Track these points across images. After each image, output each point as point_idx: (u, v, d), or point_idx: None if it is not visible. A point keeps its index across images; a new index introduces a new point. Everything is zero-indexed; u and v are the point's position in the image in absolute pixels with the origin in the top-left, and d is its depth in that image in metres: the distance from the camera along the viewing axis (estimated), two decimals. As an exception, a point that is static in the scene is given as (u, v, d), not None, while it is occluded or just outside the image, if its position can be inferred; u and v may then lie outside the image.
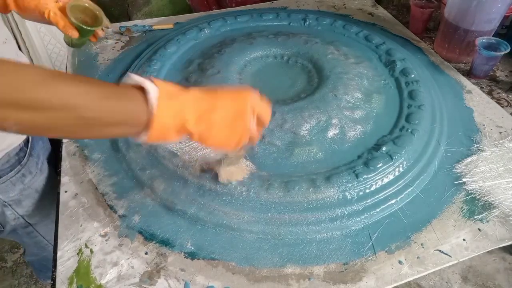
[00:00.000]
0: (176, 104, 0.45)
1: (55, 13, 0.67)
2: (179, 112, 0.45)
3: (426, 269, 0.56)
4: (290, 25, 1.06)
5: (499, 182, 0.66)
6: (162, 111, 0.43)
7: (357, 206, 0.62)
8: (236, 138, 0.50)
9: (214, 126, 0.47)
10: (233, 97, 0.49)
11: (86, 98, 0.40)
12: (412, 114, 0.75)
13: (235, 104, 0.49)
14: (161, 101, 0.43)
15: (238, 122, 0.49)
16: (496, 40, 0.89)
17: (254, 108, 0.50)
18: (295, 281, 0.55)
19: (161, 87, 0.45)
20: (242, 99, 0.49)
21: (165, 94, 0.44)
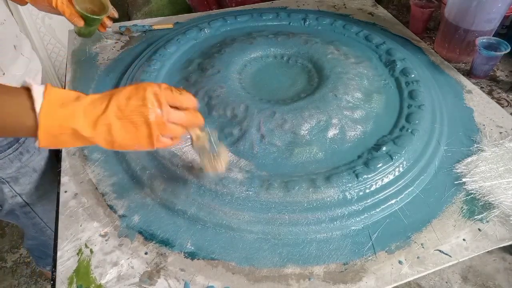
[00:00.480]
0: (65, 112, 0.43)
1: (62, 2, 0.71)
2: (69, 119, 0.44)
3: (426, 269, 0.56)
4: (290, 25, 1.06)
5: (499, 182, 0.66)
6: (47, 119, 0.42)
7: (357, 206, 0.62)
8: (143, 133, 0.46)
9: (114, 127, 0.45)
10: (127, 93, 0.47)
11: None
12: (412, 114, 0.75)
13: (129, 100, 0.46)
14: (45, 108, 0.42)
15: (136, 114, 0.46)
16: (496, 40, 0.89)
17: (159, 97, 0.47)
18: (295, 281, 0.55)
19: (49, 93, 0.43)
20: (136, 93, 0.46)
21: (51, 101, 0.43)
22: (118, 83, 0.88)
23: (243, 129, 0.70)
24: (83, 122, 0.44)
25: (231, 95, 0.75)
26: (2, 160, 0.73)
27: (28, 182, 0.79)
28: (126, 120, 0.46)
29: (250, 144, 0.69)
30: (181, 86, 0.83)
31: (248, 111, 0.71)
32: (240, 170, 0.65)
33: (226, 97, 0.75)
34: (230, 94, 0.75)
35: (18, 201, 0.81)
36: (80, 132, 0.44)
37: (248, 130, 0.69)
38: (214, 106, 0.74)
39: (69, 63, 0.96)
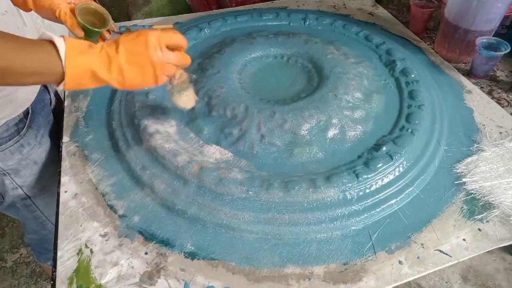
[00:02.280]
0: (84, 58, 0.51)
1: (65, 13, 0.73)
2: (88, 64, 0.51)
3: (426, 269, 0.56)
4: (290, 25, 1.06)
5: (499, 182, 0.66)
6: (70, 64, 0.50)
7: (357, 206, 0.62)
8: (149, 74, 0.55)
9: (125, 70, 0.53)
10: (132, 38, 0.54)
11: (1, 49, 0.46)
12: (412, 114, 0.75)
13: (135, 44, 0.54)
14: (69, 55, 0.50)
15: (142, 58, 0.54)
16: (496, 40, 0.89)
17: (160, 40, 0.54)
18: (295, 281, 0.55)
19: (69, 42, 0.51)
20: (140, 38, 0.54)
21: (73, 49, 0.50)
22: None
23: (243, 129, 0.70)
24: (100, 65, 0.52)
25: (231, 95, 0.75)
26: (3, 152, 0.74)
27: (29, 174, 0.80)
28: (134, 63, 0.53)
29: (250, 144, 0.69)
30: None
31: (248, 111, 0.71)
32: (240, 170, 0.65)
33: (226, 97, 0.75)
34: (230, 94, 0.75)
35: (19, 193, 0.81)
36: (98, 74, 0.52)
37: (248, 130, 0.69)
38: (214, 106, 0.74)
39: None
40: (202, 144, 0.71)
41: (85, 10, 0.75)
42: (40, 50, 0.50)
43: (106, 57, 0.53)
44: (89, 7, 0.77)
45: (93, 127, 0.78)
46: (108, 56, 0.53)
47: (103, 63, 0.52)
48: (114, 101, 0.82)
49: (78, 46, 0.51)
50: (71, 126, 0.78)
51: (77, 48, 0.51)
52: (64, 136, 0.76)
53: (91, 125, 0.79)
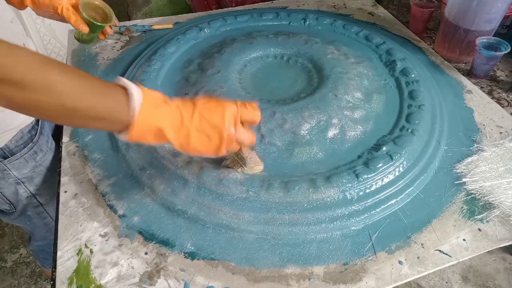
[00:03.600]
0: (157, 113, 0.48)
1: (67, 9, 0.72)
2: (159, 121, 0.48)
3: (426, 269, 0.56)
4: (290, 25, 1.06)
5: (499, 182, 0.66)
6: (142, 118, 0.46)
7: (357, 206, 0.62)
8: (214, 145, 0.52)
9: (192, 136, 0.50)
10: (211, 107, 0.52)
11: (71, 87, 0.43)
12: (412, 114, 0.75)
13: (211, 114, 0.51)
14: (143, 108, 0.46)
15: (214, 130, 0.51)
16: (496, 40, 0.89)
17: (237, 117, 0.53)
18: (295, 281, 0.55)
19: (146, 94, 0.48)
20: (218, 109, 0.52)
21: (149, 102, 0.47)
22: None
23: (243, 129, 0.70)
24: (170, 125, 0.49)
25: (231, 95, 0.75)
26: (18, 160, 0.74)
27: (42, 181, 0.80)
28: (204, 132, 0.51)
29: (250, 144, 0.69)
30: (181, 86, 0.83)
31: (248, 111, 0.71)
32: (240, 170, 0.65)
33: (226, 97, 0.74)
34: (230, 94, 0.75)
35: (33, 202, 0.82)
36: (165, 133, 0.49)
37: (248, 130, 0.69)
38: (214, 106, 0.74)
39: (69, 63, 0.96)
40: (202, 144, 0.71)
41: (87, 5, 0.75)
42: (112, 95, 0.46)
43: (179, 118, 0.50)
44: (91, 2, 0.76)
45: (93, 127, 0.78)
46: (181, 117, 0.50)
47: (174, 124, 0.49)
48: (114, 101, 0.82)
49: (154, 99, 0.48)
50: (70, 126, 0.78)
51: (153, 102, 0.48)
52: (64, 136, 0.76)
53: (91, 125, 0.79)
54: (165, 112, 0.49)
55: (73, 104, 0.43)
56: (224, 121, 0.51)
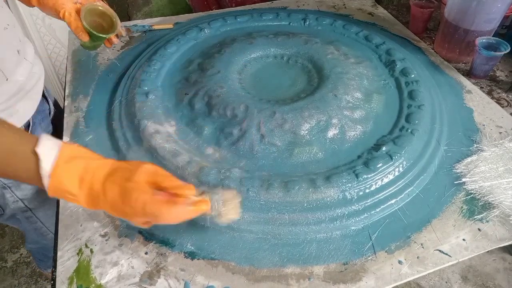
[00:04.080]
0: (67, 176, 0.46)
1: (70, 14, 0.69)
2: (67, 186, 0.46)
3: (426, 269, 0.56)
4: (290, 25, 1.06)
5: (499, 182, 0.66)
6: (52, 188, 0.46)
7: (357, 206, 0.62)
8: (130, 213, 0.47)
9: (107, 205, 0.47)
10: (120, 178, 0.47)
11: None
12: (412, 114, 0.75)
13: (120, 185, 0.47)
14: (53, 175, 0.45)
15: (125, 200, 0.46)
16: (496, 40, 0.89)
17: (155, 180, 0.48)
18: (295, 281, 0.55)
19: (57, 167, 0.45)
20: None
21: (56, 184, 0.45)
22: (118, 83, 0.88)
23: (243, 129, 0.70)
24: (75, 184, 0.46)
25: (231, 95, 0.75)
26: None
27: (30, 187, 0.78)
28: (118, 203, 0.47)
29: (250, 144, 0.69)
30: (181, 86, 0.83)
31: (248, 111, 0.72)
32: (240, 170, 0.65)
33: (226, 97, 0.75)
34: (230, 94, 0.75)
35: (20, 206, 0.80)
36: (73, 193, 0.47)
37: (248, 130, 0.69)
38: (214, 106, 0.74)
39: (69, 63, 0.96)
40: (202, 144, 0.71)
41: (92, 12, 0.71)
42: (21, 164, 0.45)
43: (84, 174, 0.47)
44: (96, 8, 0.72)
45: (93, 127, 0.78)
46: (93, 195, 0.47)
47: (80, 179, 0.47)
48: (114, 101, 0.82)
49: (69, 182, 0.46)
50: (71, 126, 0.78)
51: (66, 164, 0.46)
52: (64, 136, 0.76)
53: (91, 125, 0.79)
54: (73, 170, 0.46)
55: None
56: (135, 212, 0.46)
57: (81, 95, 0.86)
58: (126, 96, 0.82)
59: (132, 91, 0.81)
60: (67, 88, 0.88)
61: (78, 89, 0.88)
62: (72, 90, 0.87)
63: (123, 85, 0.86)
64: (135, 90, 0.80)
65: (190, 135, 0.72)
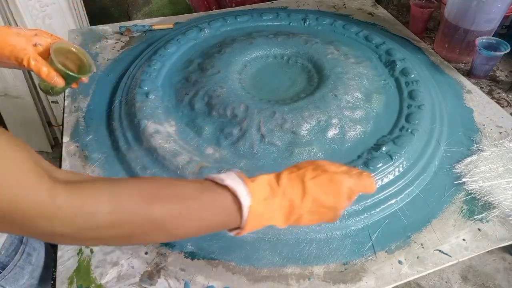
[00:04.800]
0: (266, 212, 0.44)
1: (36, 60, 0.58)
2: (269, 219, 0.44)
3: (426, 269, 0.56)
4: (290, 25, 1.06)
5: (499, 182, 0.66)
6: (252, 220, 0.43)
7: (357, 206, 0.62)
8: (326, 218, 0.47)
9: (303, 218, 0.46)
10: (323, 184, 0.45)
11: (178, 221, 0.40)
12: (412, 114, 0.75)
13: (325, 194, 0.45)
14: (252, 211, 0.42)
15: (328, 212, 0.46)
16: (496, 40, 0.89)
17: (352, 190, 0.46)
18: (295, 281, 0.55)
19: (253, 192, 0.43)
20: (332, 187, 0.45)
21: (257, 201, 0.43)
22: (118, 83, 0.88)
23: (243, 129, 0.70)
24: (280, 218, 0.45)
25: (231, 95, 0.75)
26: (13, 271, 0.61)
27: (38, 284, 0.67)
28: (317, 214, 0.46)
29: (250, 144, 0.69)
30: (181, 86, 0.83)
31: (248, 111, 0.72)
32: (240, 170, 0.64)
33: (226, 97, 0.75)
34: (230, 94, 0.75)
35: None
36: (275, 225, 0.45)
37: (248, 130, 0.69)
38: (214, 106, 0.74)
39: (69, 63, 0.96)
40: (202, 144, 0.71)
41: (58, 51, 0.62)
42: (221, 208, 0.42)
43: (288, 206, 0.44)
44: (63, 47, 0.64)
45: (93, 127, 0.78)
46: (291, 205, 0.44)
47: (284, 213, 0.45)
48: (114, 101, 0.82)
49: (262, 194, 0.43)
50: (71, 126, 0.78)
51: (261, 198, 0.43)
52: (64, 136, 0.76)
53: (91, 125, 0.79)
54: (274, 206, 0.44)
55: (184, 232, 0.42)
56: (340, 202, 0.46)
57: (81, 95, 0.86)
58: (126, 96, 0.82)
59: (132, 91, 0.81)
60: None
61: (78, 89, 0.88)
62: (72, 90, 0.87)
63: (123, 85, 0.86)
64: (135, 90, 0.80)
65: (190, 135, 0.72)
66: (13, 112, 1.56)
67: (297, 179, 0.45)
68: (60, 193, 0.34)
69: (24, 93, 1.50)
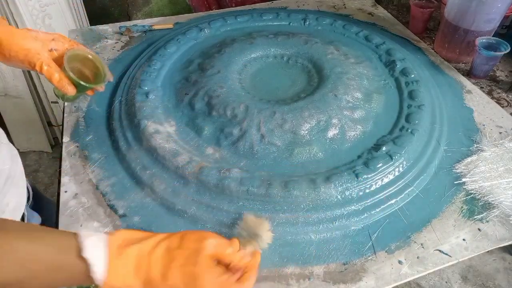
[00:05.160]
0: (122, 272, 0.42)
1: (49, 66, 0.57)
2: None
3: (426, 269, 0.56)
4: (290, 25, 1.06)
5: (499, 182, 0.66)
6: (108, 285, 0.41)
7: (357, 206, 0.62)
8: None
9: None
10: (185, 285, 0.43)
11: (30, 274, 0.38)
12: (412, 114, 0.75)
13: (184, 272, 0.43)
14: (108, 277, 0.41)
15: (191, 286, 0.43)
16: (496, 40, 0.89)
17: (222, 257, 0.45)
18: (295, 281, 0.55)
19: (111, 272, 0.41)
20: (193, 263, 0.43)
21: (113, 279, 0.41)
22: (118, 83, 0.88)
23: (243, 129, 0.70)
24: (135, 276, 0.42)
25: (231, 95, 0.75)
26: None
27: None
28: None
29: (250, 144, 0.69)
30: (181, 86, 0.83)
31: (248, 111, 0.72)
32: (240, 170, 0.65)
33: (226, 97, 0.75)
34: (230, 94, 0.75)
35: None
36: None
37: (248, 130, 0.69)
38: (214, 106, 0.74)
39: (69, 63, 0.96)
40: (202, 144, 0.71)
41: (74, 58, 0.61)
42: (70, 272, 0.40)
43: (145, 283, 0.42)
44: (78, 54, 0.62)
45: (93, 127, 0.78)
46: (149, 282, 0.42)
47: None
48: (114, 101, 0.82)
49: (121, 272, 0.41)
50: (71, 126, 0.78)
51: (119, 276, 0.41)
52: (64, 136, 0.76)
53: (91, 125, 0.79)
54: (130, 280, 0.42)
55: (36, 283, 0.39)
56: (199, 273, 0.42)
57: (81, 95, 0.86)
58: (126, 96, 0.82)
59: (132, 91, 0.81)
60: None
61: (78, 89, 0.88)
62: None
63: (123, 85, 0.86)
64: (135, 90, 0.80)
65: (190, 135, 0.72)
66: (13, 112, 1.56)
67: (166, 258, 0.43)
68: None
69: (24, 93, 1.50)
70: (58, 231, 0.45)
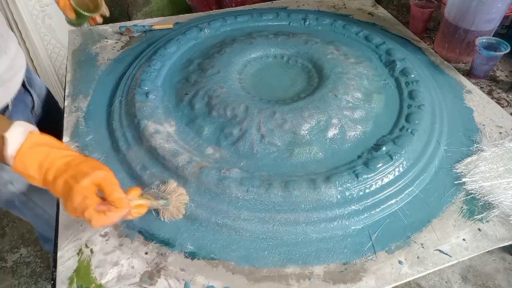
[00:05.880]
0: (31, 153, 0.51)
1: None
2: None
3: (426, 269, 0.56)
4: (290, 25, 1.06)
5: (499, 182, 0.66)
6: (15, 166, 0.51)
7: (357, 206, 0.62)
8: (70, 208, 0.51)
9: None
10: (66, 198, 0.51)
11: None
12: (412, 114, 0.75)
13: (68, 182, 0.51)
14: (16, 158, 0.51)
15: (68, 198, 0.51)
16: (496, 40, 0.89)
17: (102, 188, 0.52)
18: (295, 281, 0.55)
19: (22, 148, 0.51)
20: (76, 180, 0.51)
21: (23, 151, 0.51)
22: (118, 83, 0.88)
23: (243, 129, 0.70)
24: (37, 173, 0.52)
25: (231, 95, 0.75)
26: None
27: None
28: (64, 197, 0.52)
29: (250, 144, 0.69)
30: (181, 86, 0.83)
31: (248, 111, 0.72)
32: (240, 170, 0.65)
33: (226, 97, 0.75)
34: (230, 94, 0.75)
35: (12, 190, 0.80)
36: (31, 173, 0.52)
37: (248, 130, 0.69)
38: (214, 106, 0.74)
39: (69, 63, 0.96)
40: (202, 144, 0.71)
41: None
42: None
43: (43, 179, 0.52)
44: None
45: (93, 127, 0.78)
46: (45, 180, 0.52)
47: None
48: (114, 101, 0.82)
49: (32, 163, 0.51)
50: (71, 126, 0.78)
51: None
52: (64, 136, 0.76)
53: (91, 125, 0.79)
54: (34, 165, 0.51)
55: None
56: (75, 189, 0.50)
57: (81, 95, 0.86)
58: (126, 96, 0.82)
59: (132, 91, 0.81)
60: (67, 88, 0.88)
61: (78, 89, 0.88)
62: (72, 90, 0.87)
63: (123, 85, 0.86)
64: (135, 90, 0.80)
65: (190, 135, 0.72)
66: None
67: (62, 169, 0.52)
68: None
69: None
70: (5, 117, 0.55)
